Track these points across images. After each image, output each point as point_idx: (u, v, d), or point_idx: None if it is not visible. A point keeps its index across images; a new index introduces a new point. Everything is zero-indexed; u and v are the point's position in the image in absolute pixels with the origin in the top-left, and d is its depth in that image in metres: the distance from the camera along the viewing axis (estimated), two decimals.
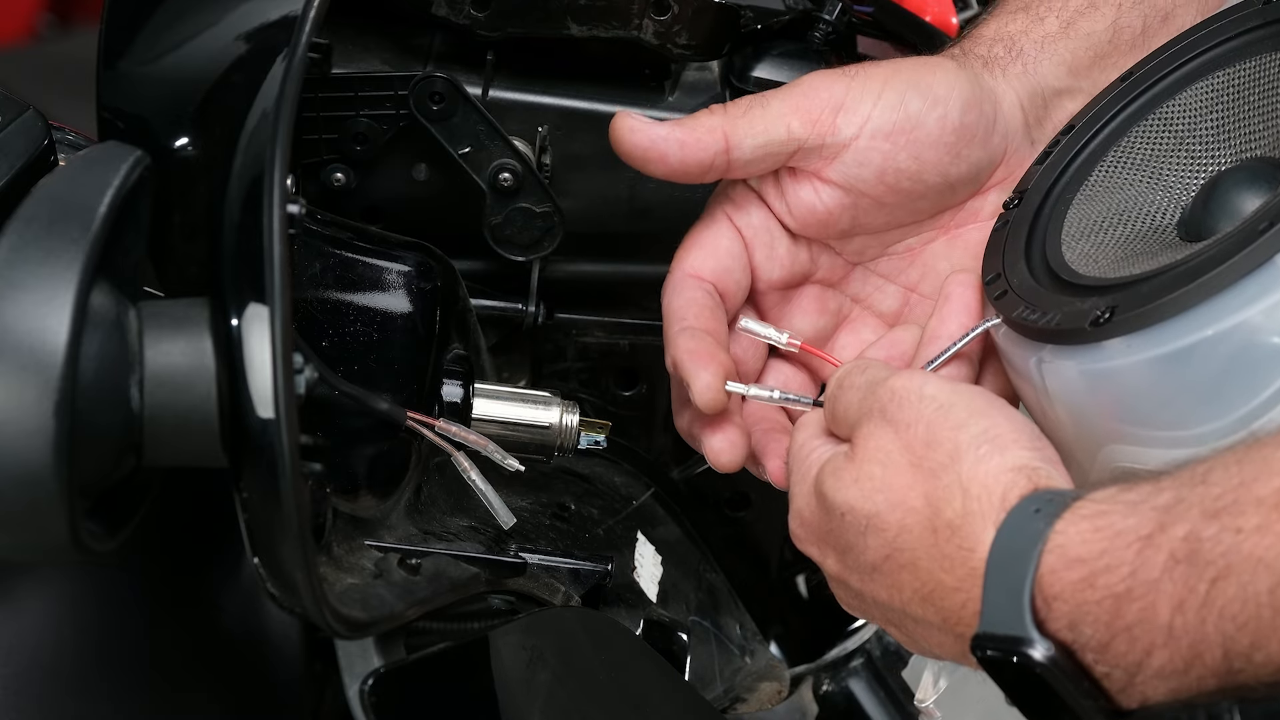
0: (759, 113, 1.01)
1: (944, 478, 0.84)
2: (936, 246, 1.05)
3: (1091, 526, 0.78)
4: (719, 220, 1.04)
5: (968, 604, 0.83)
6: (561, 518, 1.14)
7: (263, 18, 0.98)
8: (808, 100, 1.00)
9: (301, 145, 1.10)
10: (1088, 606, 0.78)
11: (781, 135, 1.00)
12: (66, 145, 0.99)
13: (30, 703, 1.01)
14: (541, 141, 1.13)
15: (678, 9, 1.10)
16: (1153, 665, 0.77)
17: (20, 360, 0.77)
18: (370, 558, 0.98)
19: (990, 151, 1.02)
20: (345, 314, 1.02)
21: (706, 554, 1.24)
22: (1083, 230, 0.95)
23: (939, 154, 1.01)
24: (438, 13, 1.10)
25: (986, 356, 1.00)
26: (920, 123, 1.00)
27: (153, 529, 0.89)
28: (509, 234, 1.12)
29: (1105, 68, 1.04)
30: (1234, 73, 0.94)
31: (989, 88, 1.02)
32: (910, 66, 1.02)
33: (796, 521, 0.93)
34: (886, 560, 0.86)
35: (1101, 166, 0.97)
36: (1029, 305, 0.91)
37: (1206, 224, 0.91)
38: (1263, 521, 0.73)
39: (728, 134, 1.00)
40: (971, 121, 1.01)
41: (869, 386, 0.90)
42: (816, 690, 1.20)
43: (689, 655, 1.11)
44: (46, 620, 1.04)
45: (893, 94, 1.00)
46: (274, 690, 1.17)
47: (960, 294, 0.99)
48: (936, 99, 1.00)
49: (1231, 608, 0.74)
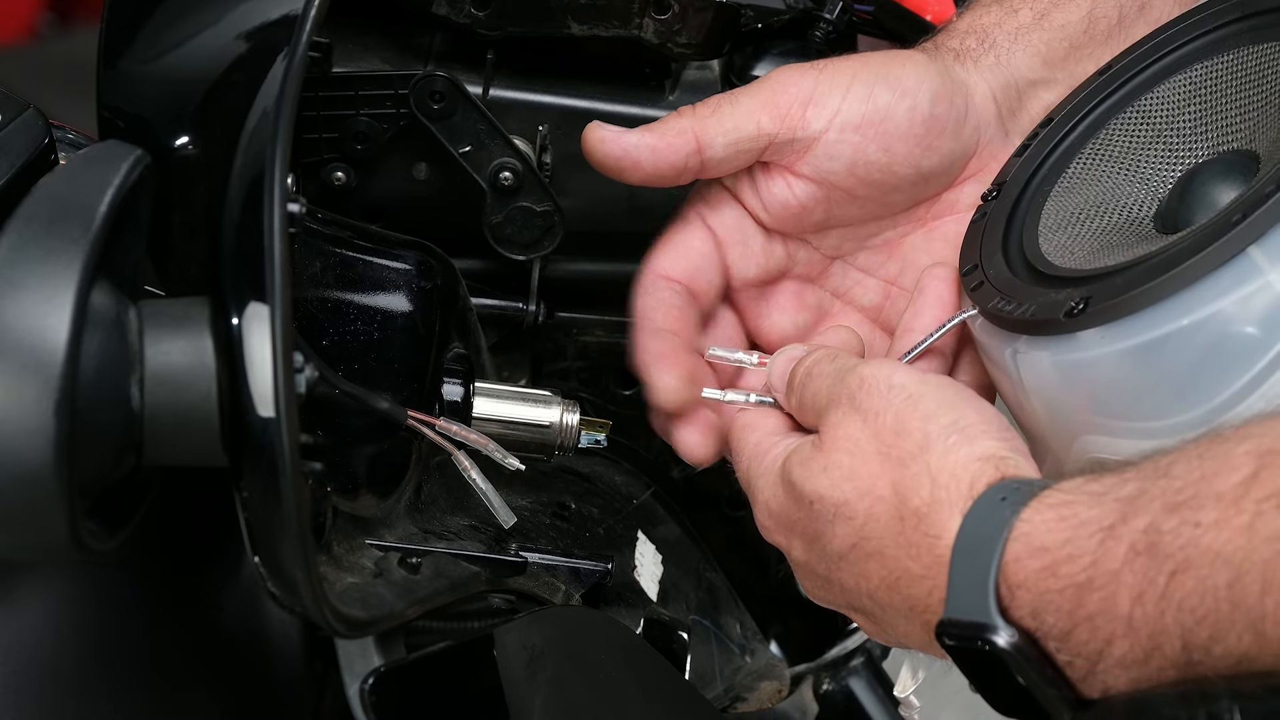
0: (728, 110, 1.01)
1: (912, 466, 0.85)
2: (914, 239, 1.06)
3: (1056, 516, 0.79)
4: (691, 220, 1.06)
5: (934, 591, 0.83)
6: (562, 517, 1.14)
7: (263, 17, 0.98)
8: (776, 95, 1.01)
9: (302, 144, 1.10)
10: (1050, 595, 0.78)
11: (751, 131, 1.01)
12: (67, 144, 0.99)
13: (30, 702, 1.01)
14: (542, 140, 1.13)
15: (678, 8, 1.10)
16: (1113, 655, 0.77)
17: (20, 359, 0.77)
18: (370, 557, 0.98)
19: (962, 143, 1.02)
20: (345, 313, 1.02)
21: (707, 553, 1.24)
22: (1060, 222, 0.95)
23: (909, 146, 1.01)
24: (438, 12, 1.10)
25: (961, 348, 1.00)
26: (889, 114, 1.00)
27: (153, 529, 0.89)
28: (509, 233, 1.12)
29: (1081, 59, 1.04)
30: (1212, 66, 0.95)
31: (960, 80, 1.02)
32: (880, 59, 1.02)
33: (764, 512, 0.94)
34: (854, 548, 0.87)
35: (1079, 159, 0.97)
36: (1005, 296, 0.92)
37: (1183, 216, 0.91)
38: (1221, 516, 0.74)
39: (698, 135, 1.01)
40: (942, 113, 1.01)
41: (838, 374, 0.91)
42: (817, 689, 1.20)
43: (689, 654, 1.11)
44: (46, 619, 1.04)
45: (861, 87, 1.00)
46: (274, 689, 1.17)
47: (934, 287, 1.00)
48: (905, 90, 1.00)
49: (1190, 601, 0.74)
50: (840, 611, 0.94)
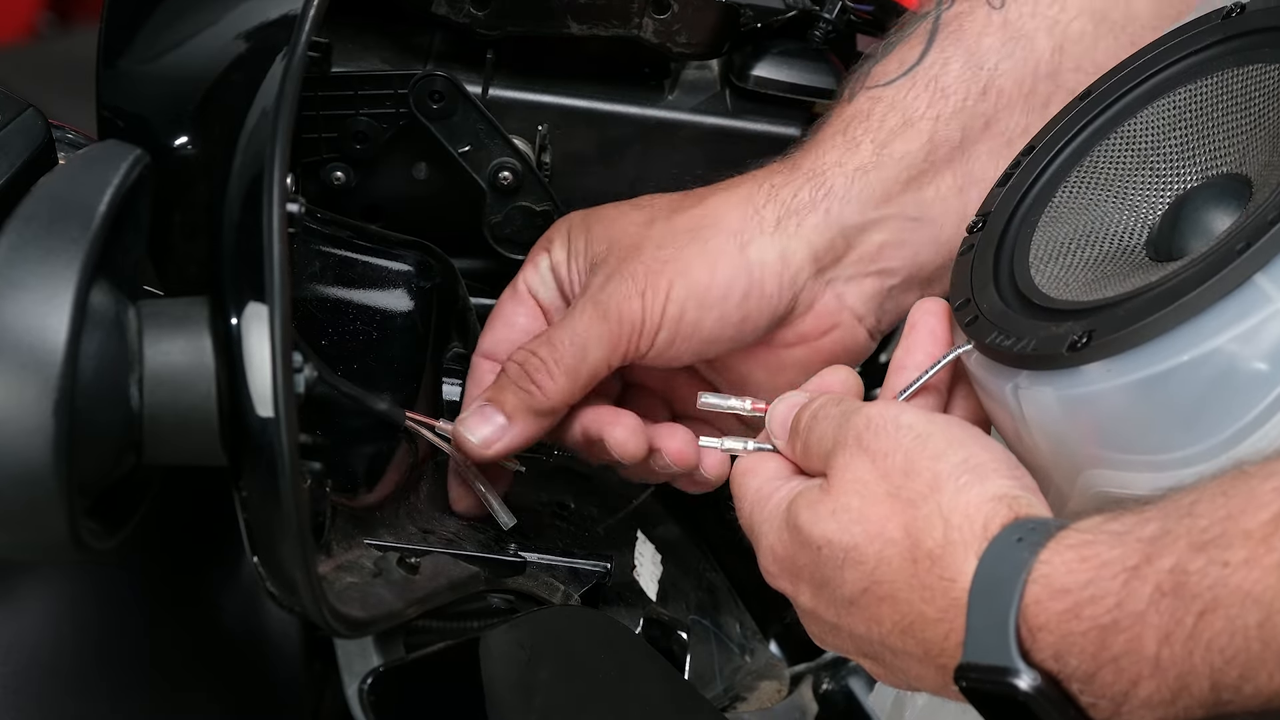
0: (585, 371, 1.04)
1: (923, 508, 0.83)
2: (733, 356, 1.08)
3: (1077, 557, 0.78)
4: (520, 293, 1.09)
5: (950, 635, 0.82)
6: (561, 516, 1.14)
7: (262, 16, 0.98)
8: (617, 330, 1.03)
9: (301, 144, 1.10)
10: (1073, 637, 0.77)
11: (603, 373, 1.04)
12: (66, 144, 0.99)
13: (30, 701, 1.01)
14: (541, 140, 1.13)
15: (678, 8, 1.10)
16: (1139, 696, 0.76)
17: (20, 359, 0.77)
18: (369, 556, 0.98)
19: (775, 312, 1.05)
20: (345, 313, 1.02)
21: (706, 553, 1.23)
22: (1050, 253, 0.94)
23: (725, 342, 1.05)
24: (438, 11, 1.10)
25: (955, 383, 0.99)
26: (699, 326, 1.04)
27: (153, 528, 0.89)
28: (509, 233, 1.12)
29: (921, 187, 1.05)
30: (1197, 89, 0.93)
31: (772, 260, 1.04)
32: (695, 265, 1.04)
33: (769, 558, 0.92)
34: (865, 593, 0.85)
35: (1065, 187, 0.95)
36: (1002, 331, 0.90)
37: (1176, 243, 0.89)
38: (1250, 555, 0.73)
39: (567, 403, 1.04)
40: (752, 307, 1.05)
41: (843, 416, 0.90)
42: (816, 689, 1.19)
43: (689, 654, 1.11)
44: (46, 619, 1.04)
45: (674, 307, 1.03)
46: (273, 689, 1.17)
47: (925, 321, 0.97)
48: (711, 303, 1.04)
49: (1219, 641, 0.73)
50: (850, 658, 0.93)
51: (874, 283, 1.06)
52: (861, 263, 1.05)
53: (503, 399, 1.03)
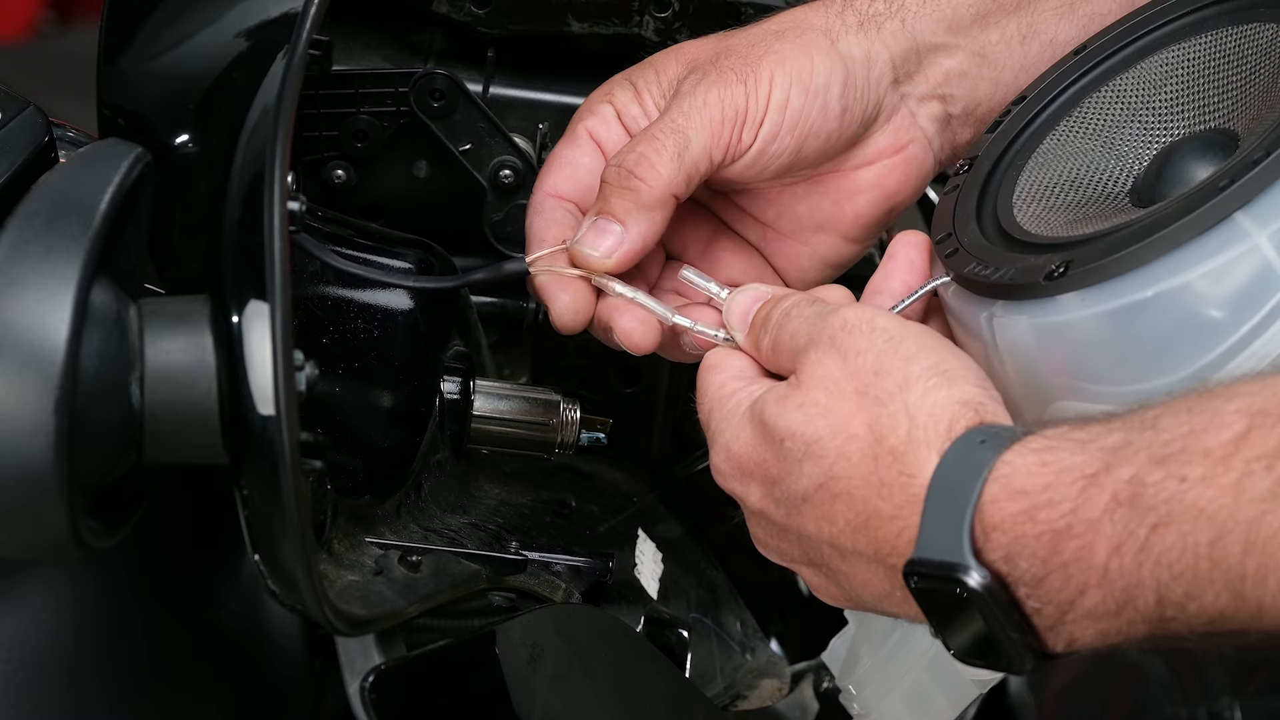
0: (688, 154, 1.01)
1: (890, 405, 0.84)
2: (798, 189, 1.06)
3: (1038, 460, 0.79)
4: (579, 137, 1.04)
5: (904, 532, 0.83)
6: (562, 515, 1.14)
7: (263, 15, 0.98)
8: (719, 117, 1.01)
9: (302, 142, 1.10)
10: (1026, 540, 0.78)
11: (706, 169, 1.01)
12: (67, 142, 0.99)
13: (30, 700, 1.01)
14: (542, 138, 1.13)
15: (678, 6, 1.10)
16: (1084, 605, 0.77)
17: (21, 357, 0.77)
18: (371, 555, 0.98)
19: (864, 114, 1.04)
20: (346, 311, 1.02)
21: (707, 551, 1.24)
22: (1034, 194, 0.95)
23: (822, 138, 1.03)
24: (438, 10, 1.10)
25: (928, 318, 0.99)
26: (804, 115, 1.02)
27: (153, 527, 0.89)
28: (510, 231, 1.12)
29: (987, 26, 1.05)
30: (1190, 47, 0.95)
31: (860, 55, 1.03)
32: (791, 53, 1.02)
33: (722, 456, 0.92)
34: (820, 489, 0.86)
35: (1054, 135, 0.97)
36: (980, 262, 0.91)
37: (1159, 190, 0.91)
38: (1208, 473, 0.74)
39: (675, 193, 1.01)
40: (849, 100, 1.02)
41: (818, 316, 0.90)
42: (817, 687, 1.20)
43: (690, 652, 1.11)
44: (46, 618, 1.04)
45: (779, 93, 1.01)
46: (274, 688, 1.17)
47: (905, 252, 0.98)
48: (816, 90, 1.01)
49: (1169, 556, 0.74)
50: (790, 567, 0.93)
51: (939, 107, 1.05)
52: (931, 83, 1.05)
53: (611, 207, 1.00)
